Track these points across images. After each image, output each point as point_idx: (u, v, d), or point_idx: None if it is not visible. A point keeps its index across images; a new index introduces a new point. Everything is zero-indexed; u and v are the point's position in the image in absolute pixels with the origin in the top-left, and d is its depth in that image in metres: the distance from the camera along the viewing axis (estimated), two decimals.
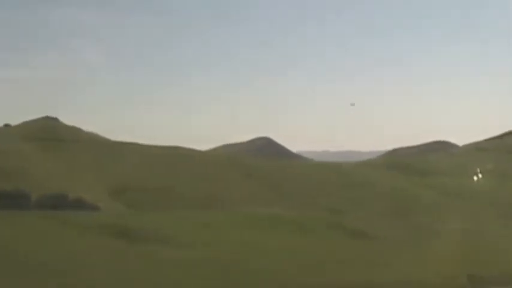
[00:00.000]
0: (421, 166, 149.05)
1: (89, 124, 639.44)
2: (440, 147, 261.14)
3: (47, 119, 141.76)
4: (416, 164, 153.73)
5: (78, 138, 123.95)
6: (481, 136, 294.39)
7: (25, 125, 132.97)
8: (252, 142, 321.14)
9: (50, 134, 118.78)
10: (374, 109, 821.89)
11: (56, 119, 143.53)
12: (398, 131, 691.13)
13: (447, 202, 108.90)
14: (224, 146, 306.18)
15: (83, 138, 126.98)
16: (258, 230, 42.19)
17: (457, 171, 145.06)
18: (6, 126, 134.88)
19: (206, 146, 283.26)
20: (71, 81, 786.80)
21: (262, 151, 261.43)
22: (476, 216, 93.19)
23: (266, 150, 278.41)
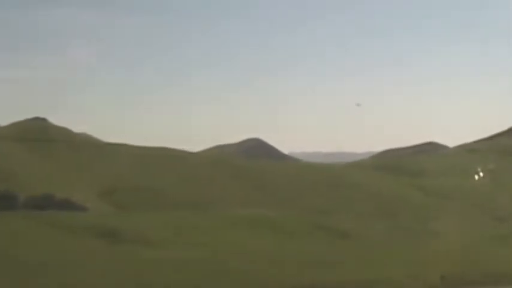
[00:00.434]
0: (409, 167, 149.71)
1: (82, 125, 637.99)
2: (431, 149, 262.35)
3: (37, 119, 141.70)
4: (405, 165, 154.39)
5: (67, 139, 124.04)
6: (473, 137, 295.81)
7: (14, 126, 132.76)
8: (242, 143, 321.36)
9: (39, 134, 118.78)
10: (368, 110, 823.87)
11: (45, 120, 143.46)
12: (392, 132, 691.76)
13: (434, 203, 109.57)
14: (216, 147, 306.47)
15: (72, 139, 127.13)
16: (241, 230, 42.70)
17: (446, 172, 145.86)
18: None
19: (199, 146, 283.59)
20: (62, 81, 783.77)
21: (253, 152, 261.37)
22: (462, 217, 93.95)
23: (256, 151, 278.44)
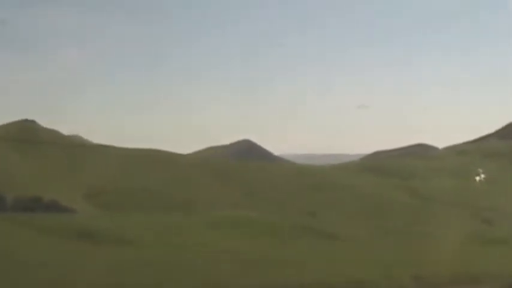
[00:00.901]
0: (397, 169, 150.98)
1: (73, 127, 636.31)
2: (421, 150, 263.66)
3: (26, 121, 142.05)
4: (393, 167, 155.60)
5: (56, 140, 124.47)
6: (462, 139, 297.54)
7: (3, 128, 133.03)
8: (233, 145, 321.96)
9: (27, 136, 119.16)
10: (361, 112, 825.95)
11: (33, 122, 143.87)
12: (384, 133, 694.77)
13: (421, 205, 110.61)
14: (208, 148, 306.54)
15: (61, 141, 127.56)
16: (221, 232, 43.06)
17: (434, 174, 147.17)
18: None
19: (192, 148, 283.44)
20: (53, 83, 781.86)
21: (243, 154, 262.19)
22: (449, 219, 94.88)
23: (247, 153, 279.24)
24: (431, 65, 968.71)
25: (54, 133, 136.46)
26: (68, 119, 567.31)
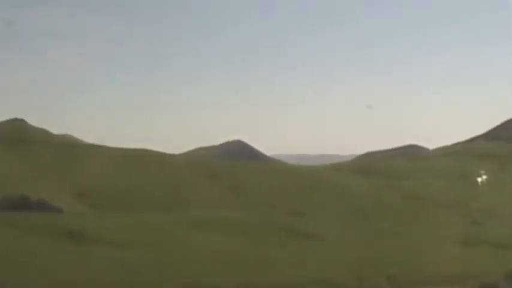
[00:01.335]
0: (386, 170, 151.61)
1: (64, 126, 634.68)
2: (412, 151, 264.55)
3: (15, 120, 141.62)
4: (383, 167, 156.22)
5: (45, 140, 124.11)
6: (453, 140, 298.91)
7: None
8: (224, 145, 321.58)
9: (16, 135, 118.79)
10: (357, 112, 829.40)
11: (23, 121, 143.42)
12: (376, 134, 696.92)
13: (409, 205, 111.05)
14: (199, 149, 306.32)
15: (50, 140, 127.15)
16: (203, 232, 43.15)
17: (421, 175, 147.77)
18: None
19: (183, 148, 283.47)
20: (44, 82, 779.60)
21: (234, 154, 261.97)
22: (437, 220, 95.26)
23: (238, 153, 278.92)
24: (421, 67, 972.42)
25: (43, 132, 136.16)
26: (59, 118, 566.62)
